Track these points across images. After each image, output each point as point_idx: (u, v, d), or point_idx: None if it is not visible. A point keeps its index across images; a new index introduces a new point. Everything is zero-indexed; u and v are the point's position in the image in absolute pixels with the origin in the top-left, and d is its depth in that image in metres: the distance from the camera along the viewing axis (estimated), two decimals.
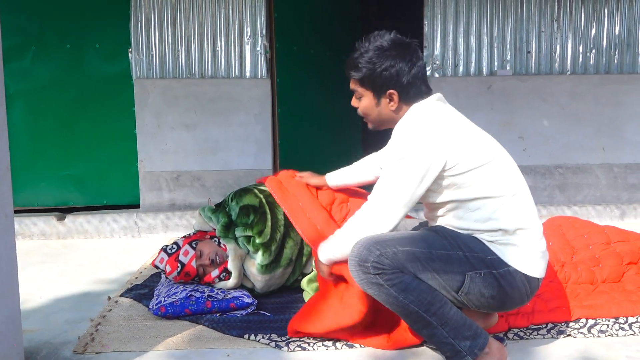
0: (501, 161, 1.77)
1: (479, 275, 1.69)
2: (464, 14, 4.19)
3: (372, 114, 1.86)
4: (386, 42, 1.79)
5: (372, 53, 1.77)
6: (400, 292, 1.65)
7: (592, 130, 4.23)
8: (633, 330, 2.05)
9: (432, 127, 1.73)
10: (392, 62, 1.76)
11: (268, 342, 2.00)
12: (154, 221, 3.90)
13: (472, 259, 1.70)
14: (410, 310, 1.67)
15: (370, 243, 1.67)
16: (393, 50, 1.77)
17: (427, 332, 1.70)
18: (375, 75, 1.77)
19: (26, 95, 4.03)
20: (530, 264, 1.74)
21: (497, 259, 1.71)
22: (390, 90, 1.78)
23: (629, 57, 4.27)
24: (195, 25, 4.07)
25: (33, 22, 3.98)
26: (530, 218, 1.76)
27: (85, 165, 4.12)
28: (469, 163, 1.70)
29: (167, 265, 2.32)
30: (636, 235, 2.61)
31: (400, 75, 1.76)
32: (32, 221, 3.81)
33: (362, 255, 1.67)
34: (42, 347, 2.03)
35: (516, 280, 1.72)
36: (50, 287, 2.73)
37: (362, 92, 1.84)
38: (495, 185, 1.72)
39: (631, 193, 4.28)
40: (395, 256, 1.65)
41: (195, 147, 4.10)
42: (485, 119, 4.13)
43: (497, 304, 1.76)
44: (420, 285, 1.66)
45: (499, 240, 1.73)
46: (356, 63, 1.80)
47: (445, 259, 1.69)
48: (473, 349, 1.69)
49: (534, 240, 1.75)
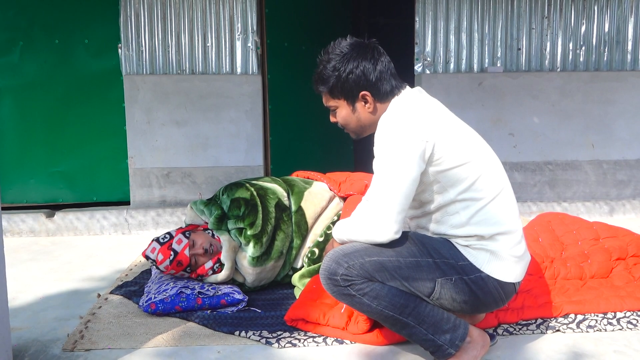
0: (485, 159, 1.74)
1: (450, 281, 1.70)
2: (455, 10, 4.20)
3: (351, 122, 1.82)
4: (345, 47, 1.78)
5: (334, 61, 1.77)
6: (372, 300, 1.68)
7: (581, 127, 4.26)
8: (621, 325, 2.07)
9: (416, 113, 1.70)
10: (355, 63, 1.75)
11: (259, 338, 2.00)
12: (145, 218, 3.88)
13: (442, 265, 1.70)
14: (386, 315, 1.69)
15: (338, 256, 1.69)
16: (353, 52, 1.76)
17: (406, 332, 1.72)
18: (342, 81, 1.76)
19: (14, 91, 4.00)
20: (504, 270, 1.72)
21: (468, 265, 1.71)
22: (362, 91, 1.76)
23: (618, 54, 4.30)
24: (186, 21, 4.04)
25: (21, 17, 3.94)
26: (510, 221, 1.73)
27: (75, 161, 4.10)
28: (453, 159, 1.68)
29: (159, 254, 2.29)
30: (625, 232, 2.63)
31: (367, 74, 1.75)
32: (21, 218, 3.78)
33: (331, 269, 1.69)
34: (30, 345, 2.01)
35: (488, 286, 1.72)
36: (40, 285, 2.71)
37: (336, 103, 1.82)
38: (477, 186, 1.70)
39: (620, 189, 4.32)
40: (362, 267, 1.67)
41: (186, 143, 4.09)
42: (476, 116, 4.14)
43: (470, 308, 1.77)
44: (391, 290, 1.68)
45: (473, 245, 1.72)
46: (321, 76, 1.80)
47: (414, 266, 1.69)
48: (454, 341, 1.70)
49: (511, 245, 1.73)
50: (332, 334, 2.00)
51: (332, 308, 2.05)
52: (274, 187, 2.57)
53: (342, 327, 1.99)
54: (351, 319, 1.99)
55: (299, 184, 2.66)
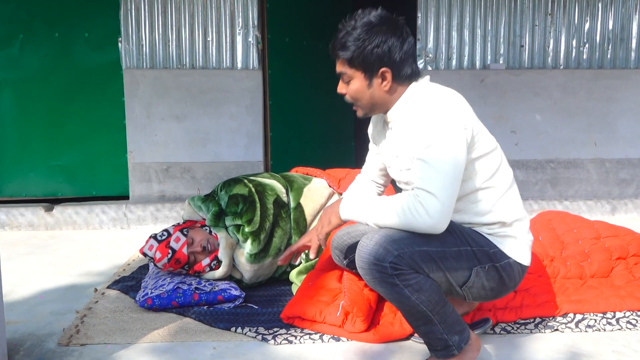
0: (500, 150, 1.78)
1: (484, 269, 1.69)
2: (457, 7, 4.17)
3: (363, 97, 1.71)
4: (374, 17, 1.68)
5: (360, 30, 1.65)
6: (413, 292, 1.61)
7: (584, 125, 4.23)
8: (620, 325, 2.05)
9: (452, 101, 1.65)
10: (383, 37, 1.64)
11: (255, 335, 1.99)
12: (144, 213, 3.87)
13: (478, 253, 1.69)
14: (419, 310, 1.64)
15: (387, 241, 1.59)
16: (383, 26, 1.66)
17: (426, 328, 1.69)
18: (366, 53, 1.64)
19: (14, 84, 3.98)
20: (524, 254, 1.76)
21: (499, 252, 1.71)
22: (383, 68, 1.66)
23: (622, 52, 4.27)
24: (187, 15, 4.02)
25: (21, 10, 3.93)
26: (522, 209, 1.78)
27: (74, 155, 4.09)
28: (484, 146, 1.68)
29: (157, 251, 2.28)
30: (626, 231, 2.61)
31: (393, 52, 1.65)
32: (19, 212, 3.77)
33: (378, 254, 1.58)
34: (26, 339, 2.00)
35: (514, 271, 1.74)
36: (37, 279, 2.70)
37: (352, 74, 1.69)
38: (499, 173, 1.72)
39: (622, 188, 4.29)
40: (412, 257, 1.59)
41: (186, 138, 4.07)
42: (478, 113, 4.07)
43: (494, 295, 1.77)
44: (432, 285, 1.64)
45: (497, 232, 1.72)
46: (343, 42, 1.66)
47: (456, 256, 1.66)
48: (461, 343, 1.71)
49: (526, 230, 1.78)
50: (329, 331, 1.99)
51: (329, 306, 2.04)
52: (272, 183, 2.55)
53: (338, 324, 1.98)
54: (347, 317, 1.98)
55: (298, 180, 2.64)
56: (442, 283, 1.68)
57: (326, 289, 2.15)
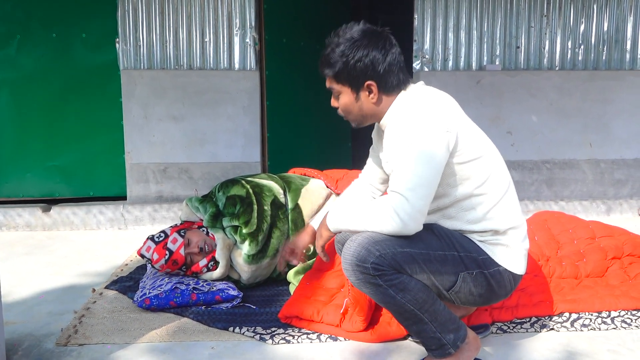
0: (494, 155, 1.76)
1: (471, 275, 1.70)
2: (454, 8, 4.19)
3: (353, 110, 1.78)
4: (356, 32, 1.71)
5: (343, 46, 1.70)
6: (398, 292, 1.63)
7: (579, 126, 4.25)
8: (615, 324, 2.07)
9: (436, 104, 1.67)
10: (365, 51, 1.68)
11: (253, 334, 2.00)
12: (141, 213, 3.88)
13: (465, 259, 1.70)
14: (406, 309, 1.66)
15: (369, 243, 1.61)
16: (364, 40, 1.70)
17: (417, 327, 1.70)
18: (349, 68, 1.70)
19: (11, 84, 3.98)
20: (517, 263, 1.75)
21: (488, 259, 1.71)
22: (368, 81, 1.71)
23: (617, 53, 4.29)
24: (184, 16, 4.03)
25: (18, 10, 3.92)
26: (519, 216, 1.76)
27: (72, 156, 4.08)
28: (472, 151, 1.68)
29: (154, 253, 2.30)
30: (621, 231, 2.63)
31: (376, 65, 1.70)
32: (17, 212, 3.77)
33: (360, 255, 1.60)
34: (24, 339, 2.01)
35: (504, 279, 1.74)
36: (35, 279, 2.70)
37: (340, 89, 1.76)
38: (492, 180, 1.71)
39: (617, 189, 4.32)
40: (394, 257, 1.61)
41: (183, 139, 4.08)
42: (474, 114, 4.10)
43: (483, 301, 1.78)
44: (417, 284, 1.65)
45: (488, 240, 1.73)
46: (329, 59, 1.73)
47: (442, 260, 1.67)
48: (456, 341, 1.71)
49: (521, 239, 1.76)
50: (326, 331, 2.00)
51: (326, 305, 2.05)
52: (270, 184, 2.56)
53: (336, 324, 1.99)
54: (345, 316, 1.99)
55: (295, 181, 2.65)
56: (430, 286, 1.69)
57: (324, 288, 2.16)
